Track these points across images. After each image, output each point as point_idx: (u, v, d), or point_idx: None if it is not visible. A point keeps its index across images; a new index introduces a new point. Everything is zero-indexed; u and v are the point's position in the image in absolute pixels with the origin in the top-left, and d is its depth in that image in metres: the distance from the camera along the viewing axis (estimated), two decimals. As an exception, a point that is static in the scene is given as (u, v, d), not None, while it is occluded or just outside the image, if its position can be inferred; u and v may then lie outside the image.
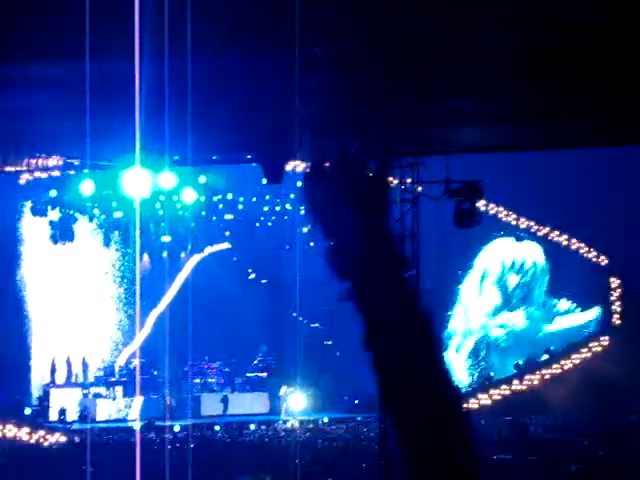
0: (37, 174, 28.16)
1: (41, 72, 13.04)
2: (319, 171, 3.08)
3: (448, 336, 36.61)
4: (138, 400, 32.96)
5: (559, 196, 32.96)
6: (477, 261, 37.06)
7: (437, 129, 18.66)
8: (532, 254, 36.90)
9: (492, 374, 36.67)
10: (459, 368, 37.02)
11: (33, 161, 20.93)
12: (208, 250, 38.49)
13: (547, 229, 36.37)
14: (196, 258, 38.29)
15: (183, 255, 38.30)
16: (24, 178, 30.90)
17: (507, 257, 36.86)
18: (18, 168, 22.05)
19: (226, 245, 38.45)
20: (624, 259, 34.16)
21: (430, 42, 12.85)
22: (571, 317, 36.84)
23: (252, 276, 38.88)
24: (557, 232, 36.27)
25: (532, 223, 36.37)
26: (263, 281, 39.08)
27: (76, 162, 19.88)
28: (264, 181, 19.54)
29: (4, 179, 29.84)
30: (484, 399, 34.03)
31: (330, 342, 34.18)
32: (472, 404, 33.86)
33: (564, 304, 36.86)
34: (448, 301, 35.91)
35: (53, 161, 21.10)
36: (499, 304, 37.24)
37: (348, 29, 12.25)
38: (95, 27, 11.13)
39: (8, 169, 22.30)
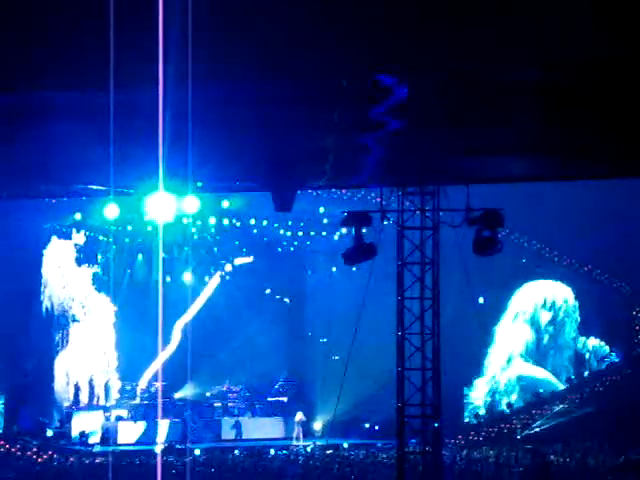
0: (62, 198, 28.45)
1: (65, 101, 13.23)
2: None
3: (483, 371, 37.59)
4: (164, 423, 33.07)
5: (578, 224, 33.16)
6: (510, 304, 38.12)
7: (458, 160, 18.73)
8: (562, 293, 37.89)
9: (512, 402, 36.74)
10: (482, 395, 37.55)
11: (57, 187, 21.14)
12: (228, 267, 38.65)
13: (567, 259, 36.71)
14: (218, 275, 38.48)
15: (206, 278, 38.53)
16: (49, 202, 31.24)
17: (538, 297, 37.96)
18: (43, 194, 22.30)
19: (250, 259, 38.62)
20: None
21: (458, 75, 12.94)
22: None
23: (268, 291, 39.05)
24: (579, 263, 36.60)
25: (555, 253, 36.79)
26: (278, 296, 39.23)
27: (102, 188, 20.09)
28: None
29: (30, 203, 30.20)
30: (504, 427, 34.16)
31: (337, 357, 34.30)
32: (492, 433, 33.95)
33: (593, 341, 37.51)
34: (469, 325, 36.04)
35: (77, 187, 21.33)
36: (531, 342, 38.09)
37: (377, 61, 12.36)
38: (119, 54, 11.31)
39: (34, 194, 22.55)
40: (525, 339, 38.11)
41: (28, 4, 10.82)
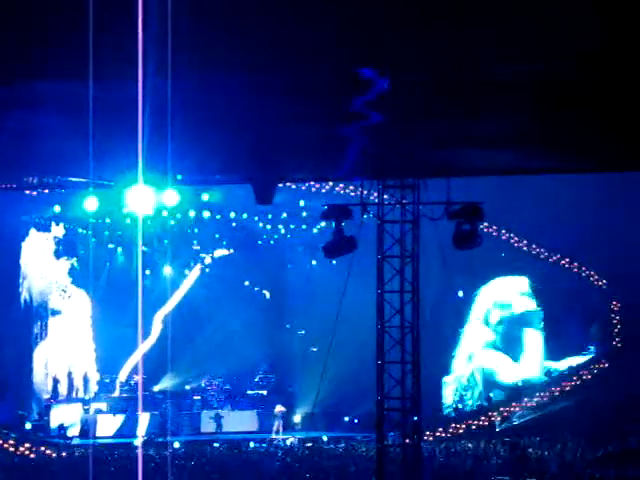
0: (41, 190, 28.35)
1: (45, 92, 13.19)
2: None
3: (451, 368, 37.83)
4: (144, 416, 33.04)
5: (558, 218, 33.28)
6: (475, 303, 38.21)
7: (440, 152, 18.75)
8: (518, 288, 37.87)
9: (491, 395, 36.86)
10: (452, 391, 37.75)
11: (36, 180, 21.12)
12: (208, 260, 38.65)
13: (546, 252, 36.83)
14: (198, 268, 38.48)
15: (186, 271, 38.51)
16: (28, 194, 31.11)
17: (495, 295, 37.99)
18: (23, 186, 22.27)
19: (228, 251, 38.64)
20: (623, 282, 34.30)
21: (455, 72, 12.94)
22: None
23: (247, 283, 39.03)
24: (558, 256, 36.70)
25: (533, 246, 36.91)
26: (257, 288, 39.24)
27: (82, 180, 20.07)
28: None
29: (9, 195, 30.05)
30: (483, 420, 34.30)
31: (315, 348, 34.38)
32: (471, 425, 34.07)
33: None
34: (448, 318, 36.13)
35: (57, 179, 21.29)
36: (490, 340, 38.21)
37: (360, 54, 12.34)
38: (99, 48, 11.28)
39: (13, 186, 22.52)
40: (488, 335, 38.16)
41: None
